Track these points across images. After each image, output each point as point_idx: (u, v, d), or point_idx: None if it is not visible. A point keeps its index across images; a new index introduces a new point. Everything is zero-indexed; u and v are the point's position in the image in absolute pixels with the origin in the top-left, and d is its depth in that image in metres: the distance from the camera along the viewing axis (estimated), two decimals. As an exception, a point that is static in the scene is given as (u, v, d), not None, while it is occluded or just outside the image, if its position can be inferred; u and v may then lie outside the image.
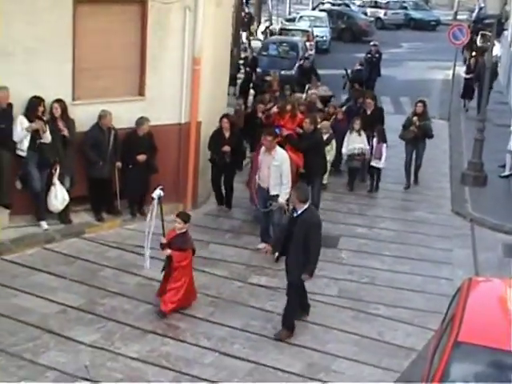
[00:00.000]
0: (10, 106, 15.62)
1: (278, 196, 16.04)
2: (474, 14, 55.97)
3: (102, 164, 16.56)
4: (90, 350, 12.17)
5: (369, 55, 34.02)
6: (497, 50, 36.36)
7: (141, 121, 16.82)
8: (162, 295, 13.46)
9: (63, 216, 16.49)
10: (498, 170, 22.50)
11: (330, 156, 20.32)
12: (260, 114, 20.36)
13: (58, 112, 16.03)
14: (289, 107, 18.61)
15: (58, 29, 16.04)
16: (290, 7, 56.89)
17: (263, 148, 16.29)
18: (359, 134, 20.78)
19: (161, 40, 17.38)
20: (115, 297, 13.99)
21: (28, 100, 15.71)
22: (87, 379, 10.94)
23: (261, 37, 38.74)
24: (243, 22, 39.64)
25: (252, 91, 29.81)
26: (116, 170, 16.81)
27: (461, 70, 32.77)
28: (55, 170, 15.94)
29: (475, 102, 29.82)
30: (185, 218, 13.56)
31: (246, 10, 43.59)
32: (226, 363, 12.23)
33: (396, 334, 13.56)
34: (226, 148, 17.84)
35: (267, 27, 40.87)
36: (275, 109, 19.10)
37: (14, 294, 13.77)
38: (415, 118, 21.15)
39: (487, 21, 50.25)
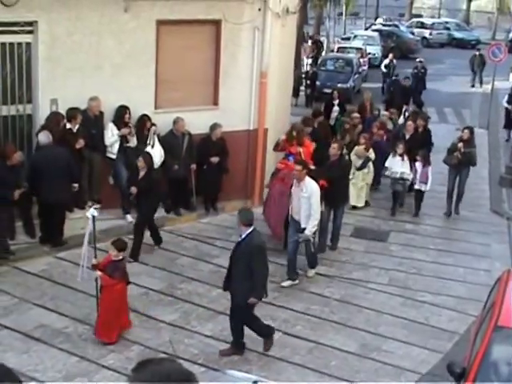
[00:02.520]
0: (101, 113, 15.84)
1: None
2: (511, 34, 55.29)
3: (178, 167, 16.66)
4: (170, 327, 12.33)
5: (415, 70, 33.80)
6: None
7: (214, 126, 16.89)
8: (97, 327, 11.79)
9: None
10: (532, 173, 22.22)
11: (368, 179, 19.04)
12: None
13: (148, 127, 16.19)
14: (294, 134, 16.34)
15: (143, 46, 16.25)
16: (345, 27, 56.72)
17: (295, 179, 14.37)
18: (402, 159, 18.57)
19: (233, 56, 17.47)
20: (191, 282, 14.12)
21: (116, 109, 15.94)
22: (169, 353, 11.01)
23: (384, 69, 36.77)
24: (314, 50, 39.30)
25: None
26: (192, 170, 16.94)
27: (499, 84, 32.28)
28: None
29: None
30: (119, 246, 11.75)
31: (316, 38, 42.92)
32: (288, 342, 12.27)
33: (440, 318, 13.49)
34: (133, 189, 14.92)
35: (391, 60, 37.77)
36: (283, 136, 16.57)
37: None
38: (460, 144, 18.55)
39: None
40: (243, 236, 11.29)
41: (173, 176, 16.73)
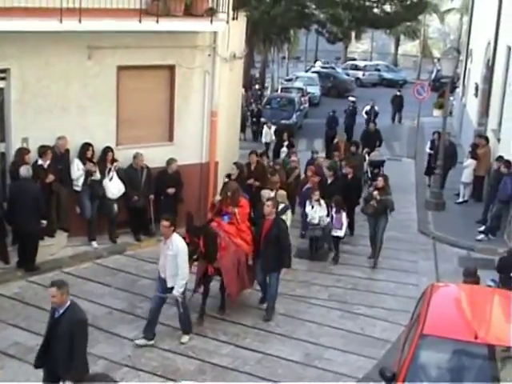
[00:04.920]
0: (67, 151, 15.81)
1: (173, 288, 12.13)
2: (433, 75, 56.06)
3: (138, 198, 16.64)
4: (132, 343, 12.26)
5: (350, 108, 34.18)
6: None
7: (170, 161, 16.91)
8: None
9: (110, 237, 16.61)
10: (454, 197, 22.53)
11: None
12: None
13: (110, 157, 16.22)
14: (229, 194, 13.98)
15: (105, 89, 16.26)
16: (288, 70, 57.13)
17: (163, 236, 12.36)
18: (319, 204, 16.94)
19: (185, 97, 17.55)
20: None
21: (80, 146, 15.90)
22: (132, 367, 10.93)
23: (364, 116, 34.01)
24: (256, 95, 39.36)
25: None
26: (150, 200, 16.93)
27: (424, 119, 32.76)
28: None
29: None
30: None
31: (257, 87, 42.94)
32: (239, 354, 12.28)
33: (374, 328, 13.61)
34: None
35: (372, 107, 34.43)
36: (218, 197, 14.66)
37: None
38: (376, 193, 16.86)
39: (443, 80, 50.48)
40: (62, 311, 9.28)
41: (133, 206, 16.72)
